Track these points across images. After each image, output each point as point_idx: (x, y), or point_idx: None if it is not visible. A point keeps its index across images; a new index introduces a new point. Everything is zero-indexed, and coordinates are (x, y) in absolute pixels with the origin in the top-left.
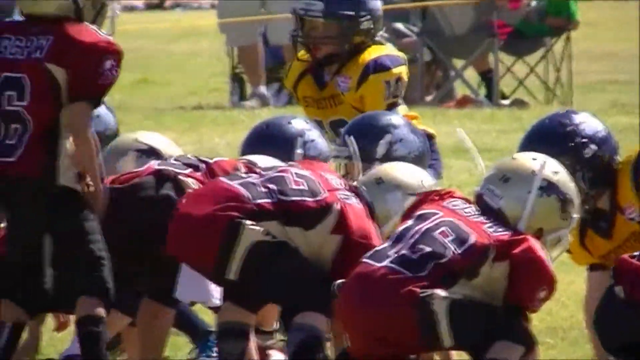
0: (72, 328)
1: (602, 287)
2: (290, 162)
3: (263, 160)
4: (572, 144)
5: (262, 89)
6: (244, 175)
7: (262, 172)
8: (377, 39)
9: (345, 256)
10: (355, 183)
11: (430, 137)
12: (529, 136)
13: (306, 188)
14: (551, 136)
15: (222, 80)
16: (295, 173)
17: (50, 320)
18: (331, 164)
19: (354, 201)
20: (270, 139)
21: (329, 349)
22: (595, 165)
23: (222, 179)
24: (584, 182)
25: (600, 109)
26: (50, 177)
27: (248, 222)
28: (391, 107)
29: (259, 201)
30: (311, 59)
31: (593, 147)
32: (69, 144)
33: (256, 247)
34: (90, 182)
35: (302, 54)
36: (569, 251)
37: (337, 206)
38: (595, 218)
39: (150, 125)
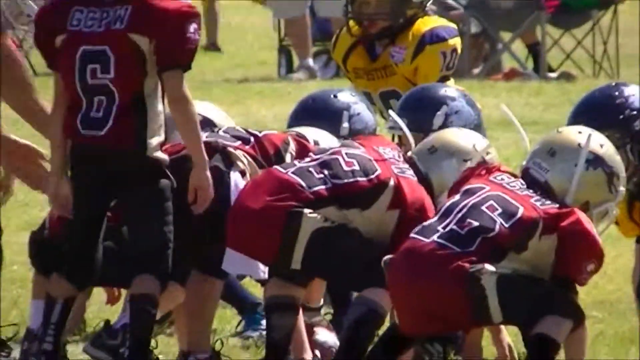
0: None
1: None
2: (345, 141)
3: (312, 133)
4: (622, 117)
5: (310, 61)
6: (296, 162)
7: (315, 156)
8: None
9: (403, 230)
10: (409, 154)
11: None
12: (578, 108)
13: (358, 168)
14: (601, 109)
15: (269, 53)
16: (346, 153)
17: (96, 293)
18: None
19: (409, 174)
20: (317, 113)
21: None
22: None
23: (277, 168)
24: (634, 154)
25: None
26: (142, 148)
27: (307, 210)
28: (443, 80)
29: (315, 189)
30: (363, 33)
31: None
32: (155, 113)
33: (317, 234)
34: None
35: (355, 28)
36: (616, 223)
37: (392, 182)
38: None
39: (198, 96)
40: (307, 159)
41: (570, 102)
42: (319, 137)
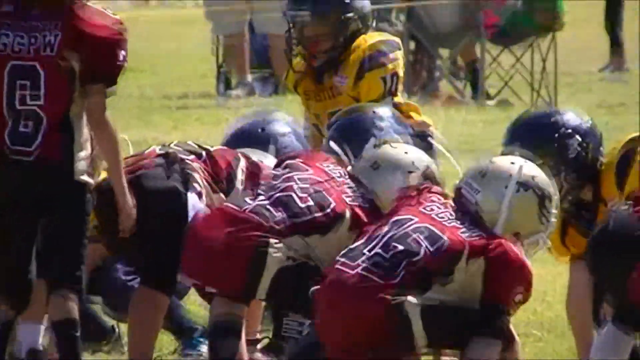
0: None
1: (583, 280)
2: (290, 163)
3: (257, 155)
4: (557, 135)
5: (248, 77)
6: (250, 201)
7: (268, 193)
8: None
9: None
10: (349, 170)
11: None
12: (515, 124)
13: (313, 204)
14: (536, 126)
15: (208, 69)
16: (300, 188)
17: None
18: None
19: (360, 201)
20: (245, 144)
21: None
22: (577, 164)
23: (232, 206)
24: (567, 178)
25: (587, 109)
26: (69, 163)
27: (272, 240)
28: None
29: (275, 227)
30: (308, 67)
31: (577, 138)
32: (84, 134)
33: (279, 273)
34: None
35: (297, 62)
36: (548, 249)
37: (347, 213)
38: (578, 209)
39: (137, 114)
40: (261, 197)
41: (509, 119)
42: (261, 158)
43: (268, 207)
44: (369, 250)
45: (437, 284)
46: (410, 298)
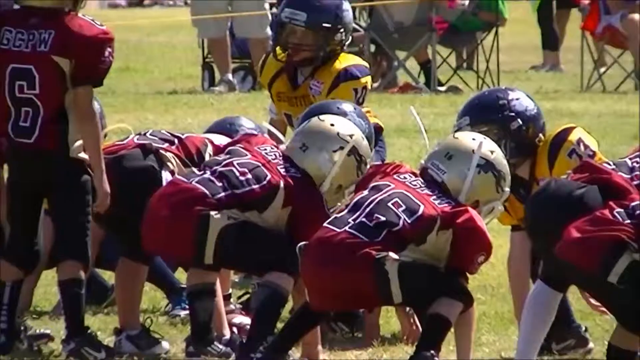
0: None
1: (522, 246)
2: (231, 149)
3: (218, 139)
4: (500, 115)
5: (229, 76)
6: (198, 173)
7: (212, 167)
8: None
9: (297, 223)
10: (283, 148)
11: (379, 129)
12: (469, 103)
13: (250, 177)
14: (484, 106)
15: (195, 69)
16: (239, 164)
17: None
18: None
19: (292, 171)
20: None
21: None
22: (519, 137)
23: (181, 179)
24: (506, 151)
25: (528, 94)
26: (64, 149)
27: (213, 212)
28: None
29: (217, 196)
30: (288, 60)
31: (519, 121)
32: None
33: (224, 232)
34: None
35: (280, 53)
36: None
37: (282, 183)
38: (516, 185)
39: (132, 107)
40: (205, 172)
41: (457, 112)
42: (224, 141)
43: (212, 178)
44: (354, 220)
45: (412, 244)
46: (391, 254)
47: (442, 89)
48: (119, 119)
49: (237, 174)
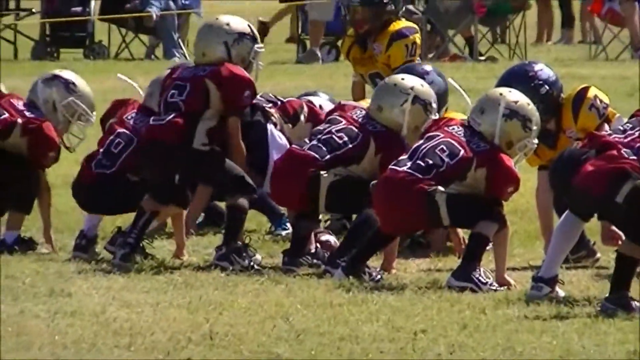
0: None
1: (547, 182)
2: (331, 118)
3: (317, 100)
4: (532, 84)
5: (317, 49)
6: (307, 141)
7: (317, 135)
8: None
9: (386, 163)
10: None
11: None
12: (504, 77)
13: (347, 139)
14: (518, 78)
15: (292, 44)
16: (336, 130)
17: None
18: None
19: (378, 127)
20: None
21: None
22: (547, 99)
23: (297, 147)
24: (538, 111)
25: (546, 63)
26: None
27: (322, 172)
28: (410, 62)
29: (325, 158)
30: (356, 34)
31: (546, 87)
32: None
33: (332, 186)
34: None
35: (350, 31)
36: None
37: (371, 139)
38: (544, 136)
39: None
40: (313, 140)
41: (494, 76)
42: (322, 102)
43: (319, 145)
44: (411, 162)
45: (455, 181)
46: (439, 187)
47: (482, 58)
48: None
49: (337, 138)
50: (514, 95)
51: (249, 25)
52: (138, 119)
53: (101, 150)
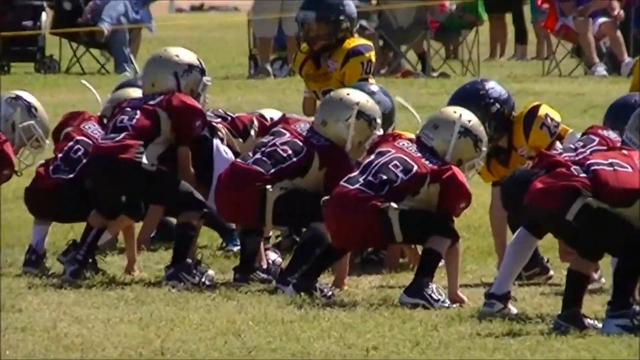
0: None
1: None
2: (274, 130)
3: (268, 113)
4: (484, 103)
5: (268, 65)
6: (250, 155)
7: (261, 148)
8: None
9: (332, 180)
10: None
11: None
12: (455, 95)
13: (291, 152)
14: (470, 96)
15: (243, 59)
16: (280, 143)
17: None
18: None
19: (322, 140)
20: None
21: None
22: (498, 117)
23: (240, 161)
24: (490, 129)
25: (500, 79)
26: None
27: (268, 187)
28: (364, 80)
29: (271, 172)
30: (310, 50)
31: (497, 105)
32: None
33: (279, 199)
34: None
35: (304, 47)
36: (479, 173)
37: (315, 152)
38: (497, 153)
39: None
40: (257, 153)
41: (447, 92)
42: (272, 114)
43: (264, 158)
44: (364, 179)
45: (409, 195)
46: (392, 204)
47: (435, 74)
48: None
49: (280, 151)
50: (468, 115)
51: (197, 58)
52: (97, 129)
53: (60, 155)
